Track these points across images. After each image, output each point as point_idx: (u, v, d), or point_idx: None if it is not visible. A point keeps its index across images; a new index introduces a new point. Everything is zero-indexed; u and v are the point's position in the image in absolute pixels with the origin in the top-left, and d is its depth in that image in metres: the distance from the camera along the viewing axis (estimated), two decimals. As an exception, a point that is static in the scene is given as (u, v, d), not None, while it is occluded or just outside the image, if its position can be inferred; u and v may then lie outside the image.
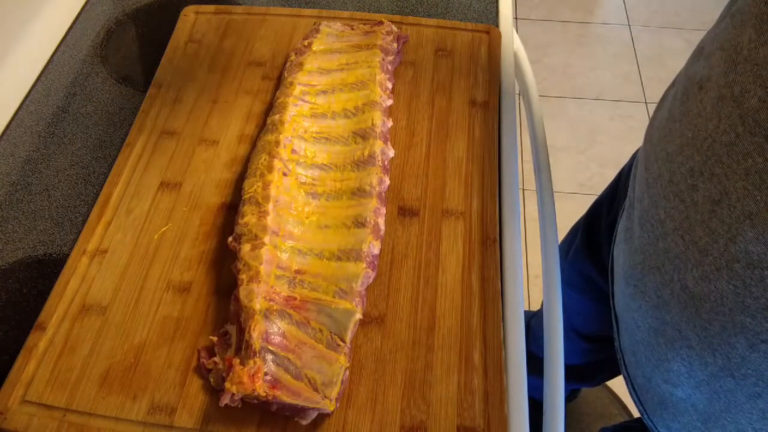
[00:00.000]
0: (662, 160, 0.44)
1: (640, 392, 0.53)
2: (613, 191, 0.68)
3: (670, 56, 1.86)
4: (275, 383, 0.41)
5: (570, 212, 0.78)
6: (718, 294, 0.38)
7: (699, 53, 0.43)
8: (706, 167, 0.37)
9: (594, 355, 0.82)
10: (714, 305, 0.39)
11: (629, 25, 1.96)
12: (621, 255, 0.52)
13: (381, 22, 0.65)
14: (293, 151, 0.54)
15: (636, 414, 0.71)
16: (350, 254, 0.48)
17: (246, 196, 0.51)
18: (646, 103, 1.75)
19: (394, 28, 0.65)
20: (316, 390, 0.41)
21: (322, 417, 0.43)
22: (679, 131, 0.42)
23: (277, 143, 0.53)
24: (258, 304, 0.44)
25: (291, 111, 0.56)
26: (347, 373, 0.43)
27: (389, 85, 0.60)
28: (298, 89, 0.58)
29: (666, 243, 0.43)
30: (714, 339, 0.40)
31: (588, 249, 0.72)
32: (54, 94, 0.66)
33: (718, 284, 0.38)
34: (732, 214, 0.36)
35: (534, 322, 0.91)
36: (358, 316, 0.45)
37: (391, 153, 0.55)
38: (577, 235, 0.76)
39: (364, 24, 0.66)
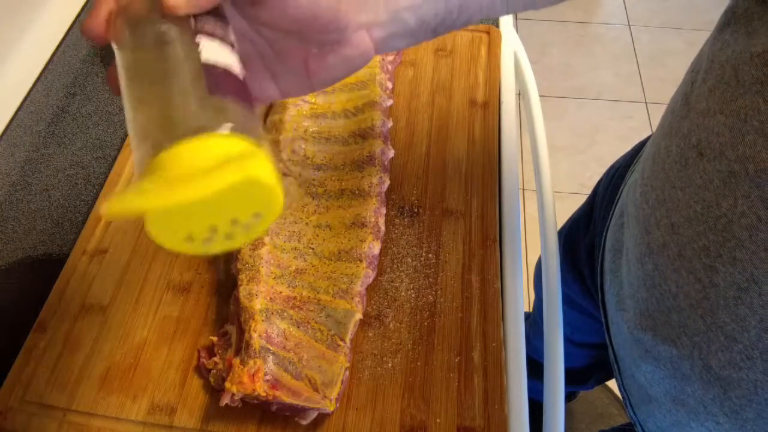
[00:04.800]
0: (665, 228, 0.40)
1: None
2: (589, 210, 0.66)
3: (670, 56, 1.86)
4: (275, 383, 0.41)
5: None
6: (750, 383, 0.35)
7: (686, 103, 0.39)
8: (725, 250, 0.34)
9: (585, 360, 0.81)
10: (746, 392, 0.35)
11: (629, 25, 1.96)
12: (618, 301, 0.48)
13: (381, 22, 0.65)
14: (293, 151, 0.54)
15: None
16: (350, 254, 0.48)
17: (246, 196, 0.51)
18: (646, 103, 1.75)
19: (394, 28, 0.65)
20: (316, 390, 0.41)
21: (322, 417, 0.43)
22: (684, 201, 0.37)
23: (277, 143, 0.53)
24: (258, 304, 0.44)
25: (291, 111, 0.56)
26: (347, 373, 0.43)
27: (389, 85, 0.60)
28: (298, 89, 0.58)
29: (681, 317, 0.39)
30: (747, 424, 0.36)
31: (568, 266, 0.70)
32: (54, 94, 0.65)
33: (751, 374, 0.34)
34: (765, 305, 0.32)
35: (526, 325, 0.90)
36: (358, 316, 0.45)
37: (391, 153, 0.55)
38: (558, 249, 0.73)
39: (364, 24, 0.65)
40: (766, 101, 0.30)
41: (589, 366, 0.83)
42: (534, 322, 0.85)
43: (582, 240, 0.66)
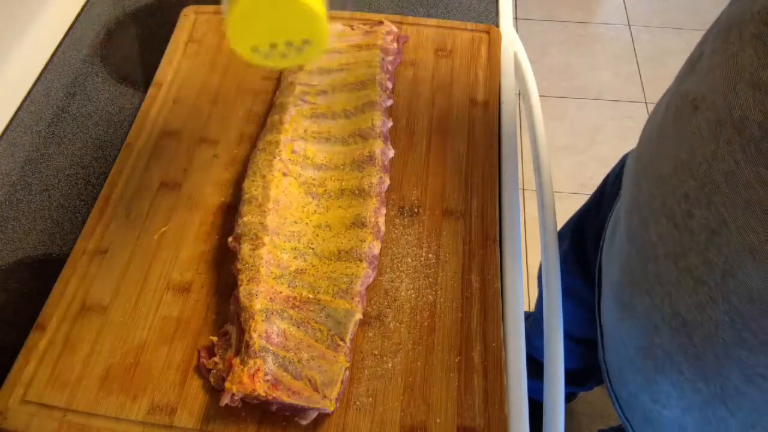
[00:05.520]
0: (654, 180, 0.42)
1: (626, 408, 0.52)
2: (599, 197, 0.67)
3: (670, 56, 1.86)
4: (275, 383, 0.41)
5: (570, 212, 0.78)
6: (712, 325, 0.37)
7: (692, 68, 0.41)
8: (703, 194, 0.36)
9: (584, 359, 0.81)
10: (708, 336, 0.37)
11: (629, 25, 1.96)
12: (609, 270, 0.51)
13: (381, 22, 0.65)
14: (293, 151, 0.54)
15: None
16: (350, 254, 0.48)
17: (246, 196, 0.51)
18: (646, 103, 1.75)
19: (394, 28, 0.65)
20: (316, 390, 0.41)
21: (322, 417, 0.43)
22: (672, 152, 0.40)
23: (277, 143, 0.53)
24: (258, 304, 0.44)
25: (291, 111, 0.56)
26: (347, 373, 0.43)
27: (389, 85, 0.60)
28: (298, 89, 0.58)
29: (657, 267, 0.41)
30: (707, 368, 0.39)
31: (575, 256, 0.71)
32: (54, 94, 0.66)
33: (714, 315, 0.36)
34: (731, 246, 0.34)
35: (527, 325, 0.90)
36: (358, 316, 0.45)
37: (391, 153, 0.55)
38: (564, 240, 0.75)
39: (364, 24, 0.66)
40: (758, 53, 0.32)
41: (589, 366, 0.83)
42: (535, 320, 0.85)
43: (591, 227, 0.67)
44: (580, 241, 0.70)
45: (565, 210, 0.78)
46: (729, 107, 0.34)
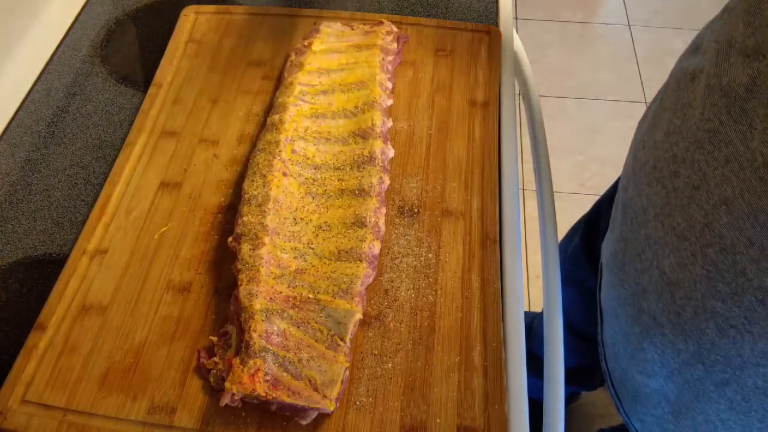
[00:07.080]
0: (649, 147, 0.45)
1: (617, 386, 0.54)
2: (614, 191, 0.68)
3: (670, 56, 1.86)
4: (275, 383, 0.41)
5: (570, 212, 0.78)
6: (692, 279, 0.39)
7: (695, 49, 0.44)
8: (688, 154, 0.39)
9: (590, 357, 0.82)
10: (688, 291, 0.40)
11: (629, 25, 1.96)
12: (607, 247, 0.54)
13: (381, 22, 0.65)
14: (293, 151, 0.54)
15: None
16: (350, 254, 0.48)
17: (246, 196, 0.51)
18: (646, 103, 1.75)
19: (394, 28, 0.65)
20: (316, 390, 0.41)
21: (322, 417, 0.43)
22: (667, 119, 0.43)
23: (277, 143, 0.53)
24: (258, 304, 0.44)
25: (291, 111, 0.56)
26: (347, 373, 0.43)
27: (389, 85, 0.60)
28: (298, 89, 0.58)
29: (647, 230, 0.44)
30: (686, 325, 0.41)
31: (586, 249, 0.73)
32: (54, 94, 0.66)
33: (693, 270, 0.39)
34: (709, 200, 0.36)
35: (537, 323, 0.91)
36: (358, 316, 0.45)
37: (391, 153, 0.55)
38: (576, 234, 0.76)
39: (364, 24, 0.66)
40: (746, 24, 0.35)
41: (591, 365, 0.83)
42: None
43: (603, 219, 0.69)
44: (592, 234, 0.72)
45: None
46: (719, 74, 0.37)
